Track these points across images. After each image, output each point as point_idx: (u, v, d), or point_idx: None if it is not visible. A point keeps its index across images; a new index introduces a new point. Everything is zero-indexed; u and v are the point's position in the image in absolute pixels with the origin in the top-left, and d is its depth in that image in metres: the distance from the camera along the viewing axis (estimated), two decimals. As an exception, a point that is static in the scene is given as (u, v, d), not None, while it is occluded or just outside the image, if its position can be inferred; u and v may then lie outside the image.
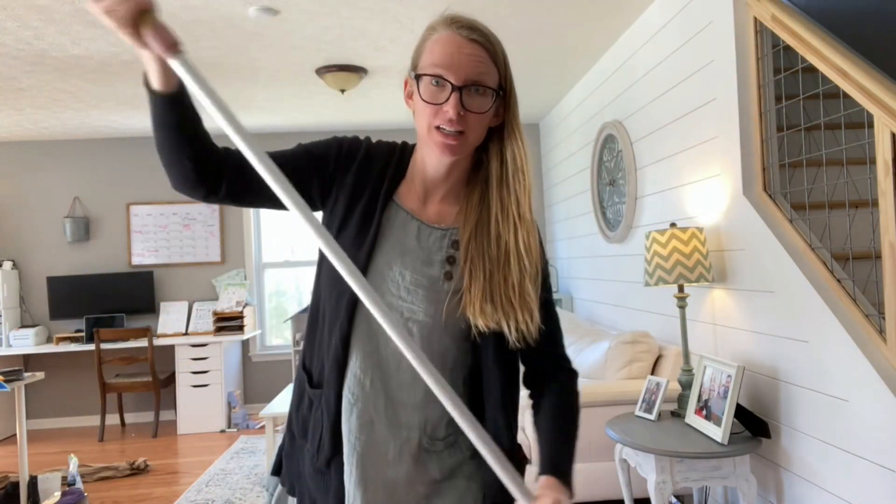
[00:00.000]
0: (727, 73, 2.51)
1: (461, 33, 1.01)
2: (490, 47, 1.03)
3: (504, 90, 1.05)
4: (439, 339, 1.08)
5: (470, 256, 1.05)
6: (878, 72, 1.82)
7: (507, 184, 1.06)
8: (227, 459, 4.33)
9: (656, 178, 3.32)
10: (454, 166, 1.08)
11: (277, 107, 4.94)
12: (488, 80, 1.02)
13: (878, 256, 1.83)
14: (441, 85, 1.00)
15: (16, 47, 3.44)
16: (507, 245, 1.05)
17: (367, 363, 1.07)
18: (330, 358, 1.08)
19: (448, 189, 1.11)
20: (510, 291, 1.04)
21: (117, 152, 5.75)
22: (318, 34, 3.47)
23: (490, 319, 1.03)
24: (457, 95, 0.98)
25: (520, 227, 1.05)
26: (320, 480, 1.10)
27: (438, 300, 1.07)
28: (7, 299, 5.38)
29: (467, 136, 1.01)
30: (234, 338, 5.27)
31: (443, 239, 1.10)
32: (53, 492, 3.42)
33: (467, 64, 0.99)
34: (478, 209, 1.07)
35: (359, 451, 1.06)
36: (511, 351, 1.08)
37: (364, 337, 1.07)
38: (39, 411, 5.62)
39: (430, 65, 1.00)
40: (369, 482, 1.05)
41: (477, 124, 1.02)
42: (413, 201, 1.11)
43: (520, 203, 1.06)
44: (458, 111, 0.98)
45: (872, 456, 1.85)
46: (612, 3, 3.24)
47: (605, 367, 3.12)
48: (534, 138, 6.00)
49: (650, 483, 2.31)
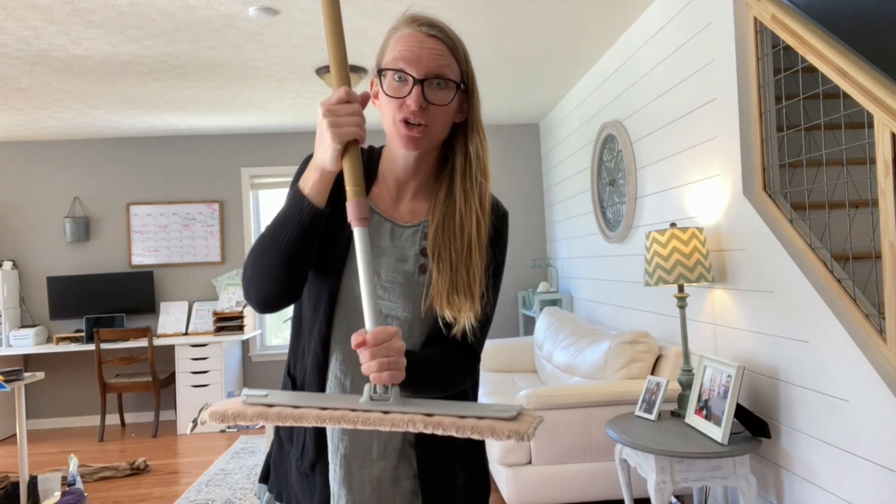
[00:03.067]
0: (727, 73, 2.51)
1: (421, 30, 1.04)
2: (450, 42, 1.05)
3: (466, 85, 1.08)
4: (420, 333, 1.10)
5: (437, 249, 1.07)
6: (878, 72, 1.82)
7: (470, 177, 1.09)
8: (227, 459, 4.33)
9: (656, 178, 3.32)
10: (422, 160, 1.10)
11: (277, 107, 4.94)
12: (449, 73, 1.04)
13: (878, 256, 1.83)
14: (403, 80, 1.02)
15: (16, 47, 3.44)
16: (471, 237, 1.07)
17: (347, 364, 1.08)
18: (310, 360, 1.10)
19: (418, 185, 1.13)
20: (472, 282, 1.07)
21: (117, 152, 5.75)
22: (318, 34, 3.47)
23: (455, 310, 1.06)
24: (419, 89, 1.01)
25: (482, 219, 1.08)
26: (306, 484, 1.11)
27: (416, 294, 1.09)
28: (7, 299, 5.38)
29: (430, 128, 1.03)
30: (234, 338, 5.27)
31: (415, 234, 1.12)
32: (53, 492, 3.41)
33: (428, 57, 1.02)
34: (444, 204, 1.10)
35: (342, 452, 1.07)
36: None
37: (344, 338, 1.08)
38: (39, 411, 5.62)
39: (392, 59, 1.03)
40: (354, 481, 1.07)
41: (440, 117, 1.04)
42: (385, 202, 1.13)
43: (482, 196, 1.09)
44: (420, 104, 1.00)
45: (872, 456, 1.85)
46: (612, 3, 3.24)
47: (605, 367, 3.12)
48: (534, 138, 6.00)
49: (650, 483, 2.31)
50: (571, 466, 2.92)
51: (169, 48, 3.56)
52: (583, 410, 2.90)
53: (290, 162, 5.85)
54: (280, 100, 4.74)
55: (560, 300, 5.07)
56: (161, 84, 4.22)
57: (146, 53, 3.63)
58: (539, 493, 2.91)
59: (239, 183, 5.85)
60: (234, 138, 5.86)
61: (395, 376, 0.90)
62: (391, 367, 0.89)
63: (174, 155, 5.80)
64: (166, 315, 5.61)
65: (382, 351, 0.89)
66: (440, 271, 1.06)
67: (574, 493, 2.91)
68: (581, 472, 2.92)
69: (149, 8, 3.03)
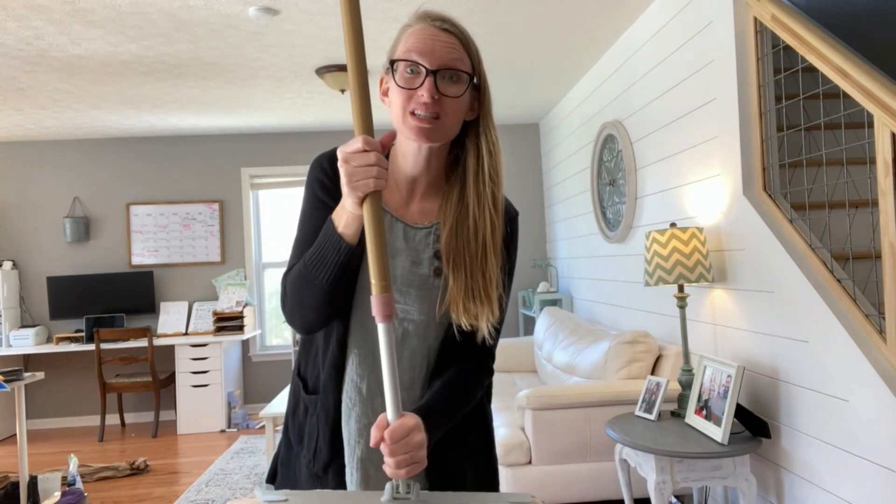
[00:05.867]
0: (727, 73, 2.51)
1: (434, 24, 1.04)
2: (462, 37, 1.05)
3: (478, 83, 1.07)
4: (435, 335, 1.10)
5: (452, 254, 1.06)
6: (878, 72, 1.82)
7: (482, 179, 1.08)
8: (227, 459, 4.33)
9: (656, 178, 3.32)
10: (432, 157, 1.08)
11: (277, 107, 4.94)
12: (461, 65, 1.03)
13: (878, 256, 1.83)
14: (416, 71, 1.01)
15: (16, 47, 3.44)
16: (485, 239, 1.07)
17: (363, 367, 1.08)
18: (327, 363, 1.09)
19: (428, 184, 1.12)
20: (489, 286, 1.06)
21: (117, 152, 5.75)
22: (318, 34, 3.47)
23: (471, 317, 1.05)
24: (431, 79, 1.00)
25: (496, 220, 1.08)
26: (317, 486, 1.11)
27: (431, 297, 1.09)
28: (7, 299, 5.38)
29: (443, 120, 1.02)
30: (234, 338, 5.27)
31: (428, 236, 1.11)
32: (53, 492, 3.41)
33: (441, 50, 1.02)
34: (457, 206, 1.09)
35: (359, 455, 1.07)
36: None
37: (360, 341, 1.08)
38: (39, 411, 5.62)
39: (405, 52, 1.02)
40: (371, 483, 1.07)
41: (452, 110, 1.03)
42: (396, 203, 1.12)
43: (495, 197, 1.08)
44: (432, 94, 1.00)
45: (872, 456, 1.85)
46: (612, 3, 3.24)
47: (605, 367, 3.12)
48: (534, 138, 6.00)
49: (650, 483, 2.32)
50: (571, 466, 2.92)
51: (169, 48, 3.56)
52: (583, 410, 2.90)
53: (289, 162, 5.85)
54: (280, 100, 4.74)
55: (560, 300, 5.07)
56: (161, 84, 4.22)
57: (146, 53, 3.63)
58: (539, 493, 2.91)
59: (239, 183, 5.85)
60: (234, 138, 5.85)
61: (413, 471, 0.91)
62: (410, 463, 0.91)
63: (174, 155, 5.80)
64: (166, 315, 5.61)
65: (401, 449, 0.90)
66: (455, 277, 1.06)
67: (574, 493, 2.91)
68: (581, 472, 2.92)
69: (149, 8, 3.03)
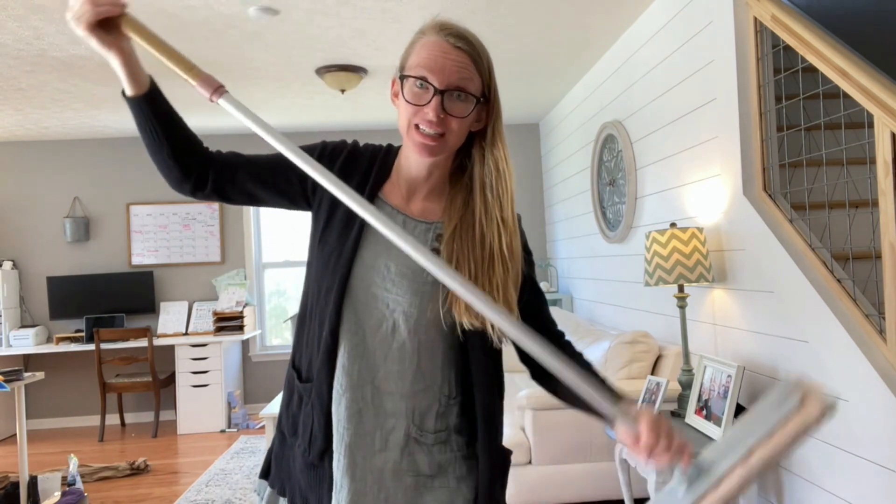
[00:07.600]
0: (727, 73, 2.51)
1: (448, 40, 1.04)
2: (475, 55, 1.06)
3: (487, 98, 1.08)
4: (426, 331, 1.11)
5: (455, 257, 1.08)
6: (878, 72, 1.82)
7: (490, 188, 1.10)
8: (227, 459, 4.33)
9: (656, 178, 3.32)
10: (434, 167, 1.11)
11: (277, 107, 4.94)
12: (471, 86, 1.05)
13: (878, 256, 1.83)
14: (425, 87, 1.03)
15: (16, 47, 3.44)
16: (492, 247, 1.08)
17: (353, 354, 1.09)
18: (320, 351, 1.10)
19: (430, 188, 1.14)
20: (494, 292, 1.06)
21: (117, 152, 5.75)
22: (318, 34, 3.47)
23: (475, 318, 1.05)
24: (438, 99, 1.02)
25: (503, 230, 1.09)
26: (313, 475, 1.12)
27: (423, 291, 1.09)
28: (7, 299, 5.38)
29: (447, 138, 1.05)
30: (234, 338, 5.27)
31: (427, 232, 1.13)
32: (53, 492, 3.41)
33: (451, 69, 1.03)
34: (461, 211, 1.10)
35: (346, 441, 1.08)
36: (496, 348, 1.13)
37: (352, 329, 1.10)
38: (39, 411, 5.62)
39: (416, 66, 1.04)
40: (357, 470, 1.08)
41: (457, 128, 1.05)
42: (397, 198, 1.15)
43: (503, 207, 1.10)
44: (437, 114, 1.02)
45: (872, 456, 1.85)
46: (612, 3, 3.24)
47: (605, 367, 3.12)
48: (534, 138, 6.00)
49: (650, 483, 2.32)
50: (571, 466, 2.92)
51: (169, 48, 3.56)
52: (583, 410, 2.89)
53: (290, 162, 5.84)
54: (280, 100, 4.74)
55: (560, 300, 5.07)
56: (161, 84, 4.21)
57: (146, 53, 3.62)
58: (539, 493, 2.91)
59: (239, 183, 5.84)
60: (234, 138, 5.85)
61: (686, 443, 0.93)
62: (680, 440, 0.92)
63: (174, 155, 5.80)
64: (166, 315, 5.61)
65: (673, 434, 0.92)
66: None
67: (574, 493, 2.91)
68: (581, 472, 2.92)
69: (149, 8, 3.03)
